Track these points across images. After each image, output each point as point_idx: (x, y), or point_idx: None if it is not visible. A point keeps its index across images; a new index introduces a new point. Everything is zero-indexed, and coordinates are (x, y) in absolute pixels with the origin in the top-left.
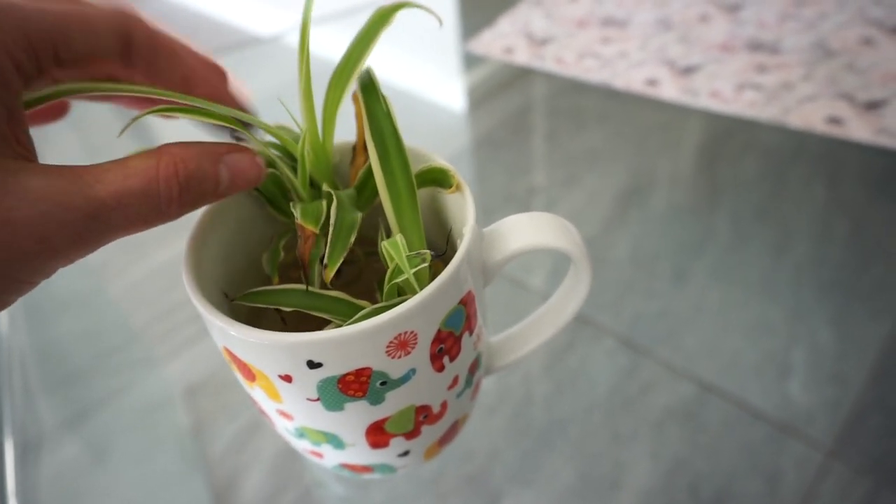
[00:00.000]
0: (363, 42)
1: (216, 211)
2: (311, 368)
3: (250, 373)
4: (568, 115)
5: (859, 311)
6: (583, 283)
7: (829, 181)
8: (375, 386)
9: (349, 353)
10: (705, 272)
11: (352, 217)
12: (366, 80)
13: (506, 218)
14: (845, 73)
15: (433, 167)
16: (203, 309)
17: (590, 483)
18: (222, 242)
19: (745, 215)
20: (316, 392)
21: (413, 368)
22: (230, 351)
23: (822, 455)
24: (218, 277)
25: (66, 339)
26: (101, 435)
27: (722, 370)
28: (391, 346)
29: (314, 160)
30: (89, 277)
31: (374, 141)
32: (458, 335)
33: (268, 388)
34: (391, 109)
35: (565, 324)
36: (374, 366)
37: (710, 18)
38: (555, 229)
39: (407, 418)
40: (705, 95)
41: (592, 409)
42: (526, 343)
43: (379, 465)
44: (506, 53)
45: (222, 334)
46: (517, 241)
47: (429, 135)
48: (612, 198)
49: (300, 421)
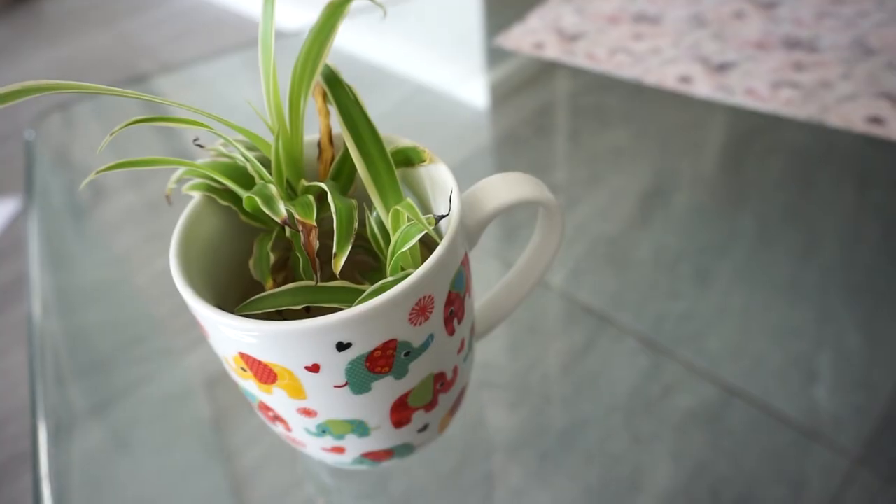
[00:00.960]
0: (320, 38)
1: (189, 228)
2: (340, 351)
3: (270, 374)
4: (593, 113)
5: (889, 316)
6: (556, 231)
7: (861, 182)
8: (400, 357)
9: (377, 326)
10: (730, 273)
11: (349, 204)
12: (329, 74)
13: (480, 181)
14: (886, 71)
15: (401, 147)
16: (217, 317)
17: (610, 485)
18: (202, 258)
19: (772, 216)
20: (344, 377)
21: (431, 334)
22: (248, 356)
23: (849, 462)
24: (207, 292)
25: (93, 327)
26: (125, 423)
27: (746, 373)
28: (413, 313)
29: (288, 159)
30: (115, 267)
31: (349, 129)
32: (462, 296)
33: (290, 387)
34: (358, 97)
35: (542, 277)
36: (398, 336)
37: (744, 15)
38: (527, 184)
39: (427, 388)
40: (740, 93)
41: (613, 411)
42: (509, 301)
43: (400, 445)
44: (536, 49)
45: (240, 339)
46: (495, 199)
47: (450, 131)
48: (636, 197)
49: (324, 415)
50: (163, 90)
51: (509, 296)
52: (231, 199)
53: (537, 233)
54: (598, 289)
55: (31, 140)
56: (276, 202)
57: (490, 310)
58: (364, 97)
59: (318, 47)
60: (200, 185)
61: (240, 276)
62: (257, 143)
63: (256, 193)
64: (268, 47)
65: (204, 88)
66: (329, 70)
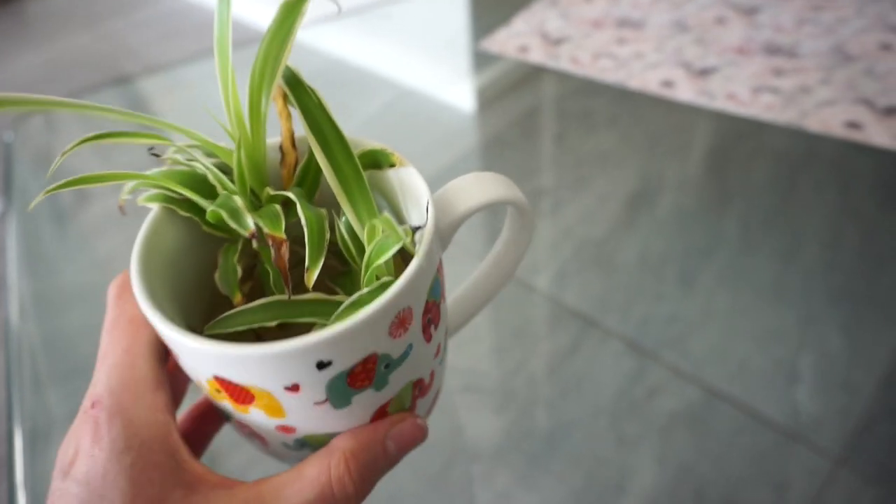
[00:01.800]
0: (278, 38)
1: (149, 241)
2: (320, 370)
3: (248, 396)
4: (578, 117)
5: (870, 319)
6: (526, 231)
7: (842, 187)
8: (381, 370)
9: (358, 342)
10: (714, 277)
11: (319, 215)
12: (290, 77)
13: (450, 182)
14: (864, 78)
15: (369, 150)
16: (192, 343)
17: (595, 487)
18: (164, 272)
19: (755, 220)
20: (325, 393)
21: (410, 344)
22: (224, 380)
23: (830, 463)
24: (172, 309)
25: (72, 331)
26: None
27: (730, 376)
28: (393, 326)
29: (251, 167)
30: (96, 271)
31: (314, 134)
32: (438, 304)
33: (269, 406)
34: (322, 100)
35: (511, 275)
36: (378, 350)
37: (726, 21)
38: (499, 184)
39: (406, 396)
40: (722, 97)
41: (598, 413)
42: (478, 299)
43: None
44: (520, 52)
45: (217, 363)
46: (466, 200)
47: (436, 135)
48: (622, 200)
49: (304, 430)
50: (147, 92)
51: (478, 295)
52: (191, 210)
53: (506, 231)
54: (584, 292)
55: (11, 142)
56: (242, 215)
57: (459, 308)
58: (349, 101)
59: (277, 49)
60: (157, 196)
61: (203, 287)
62: (217, 153)
63: (221, 206)
64: (224, 51)
65: (188, 90)
66: (290, 72)
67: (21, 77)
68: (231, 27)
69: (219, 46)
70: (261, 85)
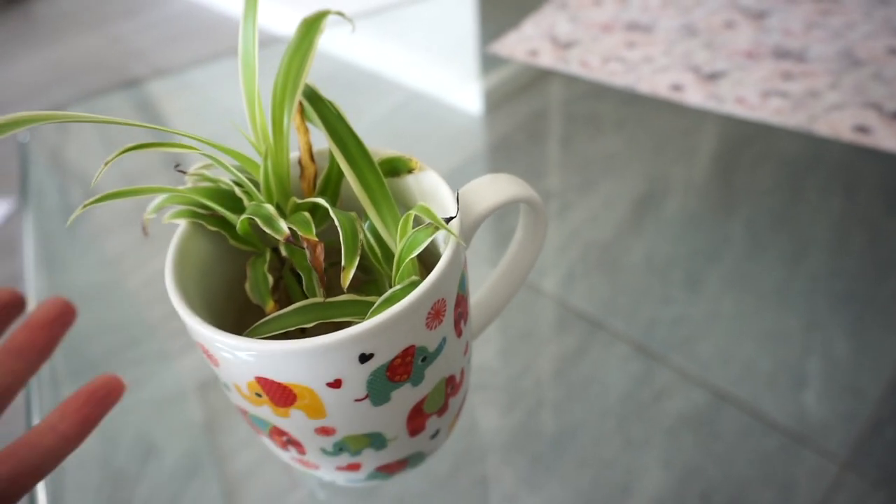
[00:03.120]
0: (298, 56)
1: (181, 256)
2: (362, 363)
3: (289, 396)
4: (586, 120)
5: (876, 323)
6: (541, 229)
7: (849, 190)
8: (418, 363)
9: (398, 333)
10: (720, 280)
11: (350, 217)
12: (309, 93)
13: (468, 184)
14: (873, 82)
15: (388, 157)
16: (238, 342)
17: (601, 489)
18: (196, 286)
19: (762, 223)
20: (365, 389)
21: (444, 337)
22: (266, 379)
23: (837, 467)
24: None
25: (86, 330)
26: (117, 426)
27: (736, 378)
28: (430, 317)
29: (276, 179)
30: (108, 270)
31: (336, 144)
32: (467, 298)
33: (310, 407)
34: (341, 111)
35: (527, 275)
36: (417, 342)
37: (735, 25)
38: (514, 184)
39: (440, 393)
40: (731, 101)
41: (605, 415)
42: (497, 301)
43: (413, 454)
44: (530, 56)
45: (260, 363)
46: (485, 200)
47: (444, 138)
48: (628, 203)
49: (343, 431)
50: (155, 94)
51: (497, 296)
52: (218, 225)
53: (521, 232)
54: (591, 294)
55: (26, 142)
56: (276, 221)
57: (480, 311)
58: (358, 103)
59: (298, 65)
60: (184, 213)
61: (231, 300)
62: (246, 165)
63: (254, 214)
64: (250, 68)
65: (197, 93)
66: (309, 88)
67: (29, 78)
68: (257, 45)
69: (244, 64)
70: (283, 101)
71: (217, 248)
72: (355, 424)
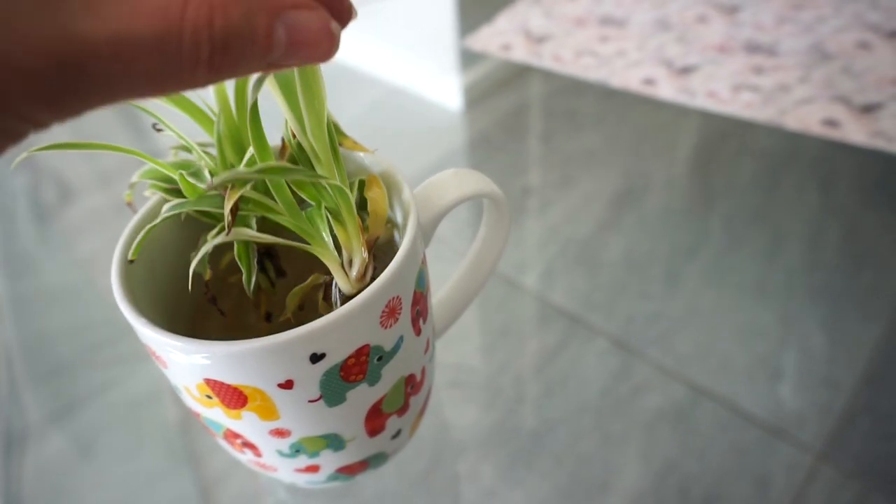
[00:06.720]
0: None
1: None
2: (313, 363)
3: (240, 398)
4: (564, 116)
5: (851, 316)
6: (504, 224)
7: (823, 185)
8: (374, 363)
9: (350, 332)
10: (698, 275)
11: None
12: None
13: (428, 179)
14: (842, 76)
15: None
16: (183, 343)
17: (580, 484)
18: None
19: (739, 218)
20: (318, 389)
21: (401, 336)
22: (215, 381)
23: (812, 458)
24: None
25: (53, 332)
26: (88, 430)
27: (713, 373)
28: (384, 315)
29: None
30: (78, 270)
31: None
32: (425, 295)
33: (262, 408)
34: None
35: (492, 270)
36: (371, 341)
37: (708, 19)
38: (475, 180)
39: (399, 392)
40: (702, 96)
41: (583, 411)
42: (464, 297)
43: (374, 455)
44: (503, 50)
45: (208, 364)
46: (445, 196)
47: (423, 133)
48: (607, 199)
49: (299, 433)
50: None
51: (461, 293)
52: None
53: (484, 228)
54: (570, 290)
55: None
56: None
57: (443, 308)
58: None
59: None
60: (156, 186)
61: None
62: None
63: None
64: None
65: None
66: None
67: None
68: None
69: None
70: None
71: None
72: (310, 426)
